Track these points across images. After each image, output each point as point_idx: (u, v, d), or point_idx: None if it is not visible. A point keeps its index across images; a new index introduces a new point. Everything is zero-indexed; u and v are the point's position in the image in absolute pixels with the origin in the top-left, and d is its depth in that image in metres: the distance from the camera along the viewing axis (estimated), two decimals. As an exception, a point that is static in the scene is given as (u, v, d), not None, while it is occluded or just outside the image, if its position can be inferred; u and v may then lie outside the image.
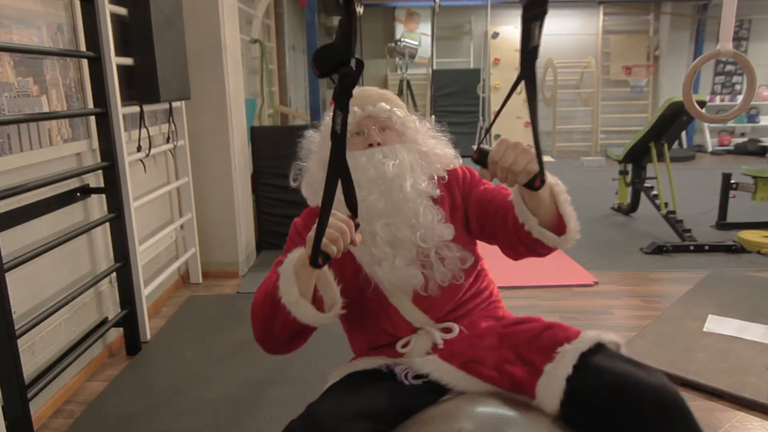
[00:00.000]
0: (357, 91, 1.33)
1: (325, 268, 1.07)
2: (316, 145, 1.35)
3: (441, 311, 1.26)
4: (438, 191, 1.27)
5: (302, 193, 1.37)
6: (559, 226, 1.14)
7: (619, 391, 0.98)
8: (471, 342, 1.19)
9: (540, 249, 1.18)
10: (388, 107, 1.30)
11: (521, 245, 1.19)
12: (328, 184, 0.94)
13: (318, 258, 1.00)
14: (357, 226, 1.03)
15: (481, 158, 1.04)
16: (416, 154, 1.28)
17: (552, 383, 1.03)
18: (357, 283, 1.24)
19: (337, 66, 0.87)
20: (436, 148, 1.33)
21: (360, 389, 1.12)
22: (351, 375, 1.22)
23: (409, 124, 1.33)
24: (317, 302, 1.11)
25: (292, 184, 1.35)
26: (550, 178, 1.09)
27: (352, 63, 0.87)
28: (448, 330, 1.24)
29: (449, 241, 1.22)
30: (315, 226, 0.97)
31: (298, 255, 1.07)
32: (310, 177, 1.33)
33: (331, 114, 0.92)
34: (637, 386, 0.97)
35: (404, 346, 1.24)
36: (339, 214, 1.01)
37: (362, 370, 1.22)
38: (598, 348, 1.07)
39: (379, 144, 1.26)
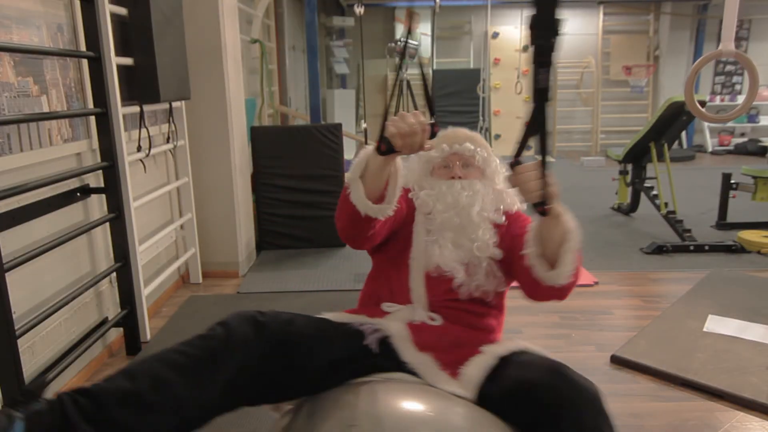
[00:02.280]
0: (449, 132, 1.57)
1: (398, 172, 1.23)
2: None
3: (438, 299, 1.38)
4: (503, 219, 1.44)
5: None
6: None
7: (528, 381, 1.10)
8: (439, 334, 1.31)
9: (538, 289, 1.30)
10: (472, 147, 1.50)
11: (527, 279, 1.32)
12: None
13: (381, 145, 1.10)
14: (433, 134, 1.10)
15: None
16: (490, 189, 1.48)
17: (481, 360, 1.20)
18: (401, 240, 1.44)
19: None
20: (509, 188, 1.48)
21: (320, 327, 1.23)
22: (327, 320, 1.31)
23: (490, 164, 1.52)
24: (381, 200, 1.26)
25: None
26: (569, 222, 1.19)
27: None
28: (432, 318, 1.36)
29: (496, 263, 1.40)
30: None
31: (373, 147, 1.21)
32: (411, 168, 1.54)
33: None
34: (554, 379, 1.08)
35: (390, 306, 1.39)
36: (421, 116, 1.11)
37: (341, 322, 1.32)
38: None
39: (460, 177, 1.47)
